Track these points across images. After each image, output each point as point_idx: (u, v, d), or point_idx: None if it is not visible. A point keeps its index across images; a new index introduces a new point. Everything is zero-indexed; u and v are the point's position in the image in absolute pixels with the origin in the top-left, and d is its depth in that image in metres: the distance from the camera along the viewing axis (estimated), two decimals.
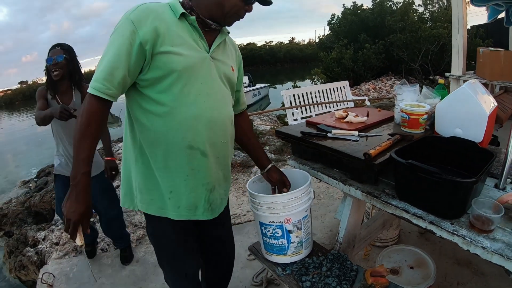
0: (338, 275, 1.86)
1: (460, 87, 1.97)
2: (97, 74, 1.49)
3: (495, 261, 1.31)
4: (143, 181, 1.71)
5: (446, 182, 1.45)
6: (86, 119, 1.50)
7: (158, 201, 1.72)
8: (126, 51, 1.48)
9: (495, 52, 5.12)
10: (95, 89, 1.48)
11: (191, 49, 1.61)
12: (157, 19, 1.52)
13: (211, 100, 1.68)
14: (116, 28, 1.52)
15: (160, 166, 1.67)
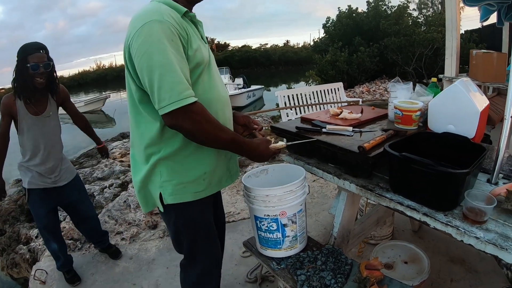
0: (333, 269, 1.88)
1: (452, 84, 2.00)
2: (175, 86, 1.50)
3: (489, 250, 1.33)
4: (173, 173, 1.76)
5: (439, 173, 1.47)
6: (210, 121, 1.60)
7: (191, 186, 1.79)
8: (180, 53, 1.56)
9: (487, 54, 5.16)
10: (188, 97, 1.51)
11: (202, 44, 1.73)
12: (182, 22, 1.61)
13: (220, 84, 1.87)
14: (153, 39, 1.51)
15: (194, 151, 1.76)
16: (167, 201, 1.78)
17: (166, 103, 1.49)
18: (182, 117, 1.52)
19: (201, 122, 1.56)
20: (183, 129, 1.57)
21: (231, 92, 19.79)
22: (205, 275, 2.04)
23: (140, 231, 3.91)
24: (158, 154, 1.74)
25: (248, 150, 1.76)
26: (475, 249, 1.38)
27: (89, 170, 6.50)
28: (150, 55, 1.49)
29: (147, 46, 1.49)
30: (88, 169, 6.64)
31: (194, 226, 1.91)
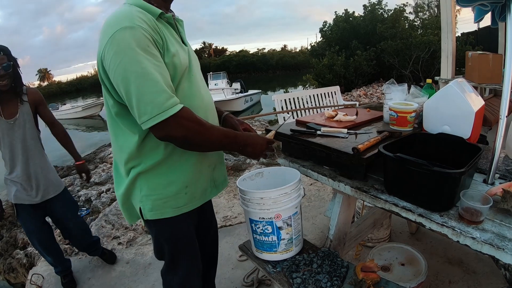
0: (329, 272, 1.87)
1: (447, 85, 2.00)
2: (156, 96, 1.42)
3: (486, 251, 1.32)
4: (152, 187, 1.69)
5: (434, 174, 1.46)
6: (202, 123, 1.54)
7: (172, 201, 1.72)
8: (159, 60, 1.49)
9: (483, 55, 5.17)
10: (172, 106, 1.44)
11: (180, 48, 1.64)
12: (156, 26, 1.52)
13: (202, 88, 1.79)
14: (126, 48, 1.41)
15: (174, 164, 1.69)
16: (147, 217, 1.72)
17: (148, 117, 1.42)
18: (172, 127, 1.45)
19: (193, 127, 1.50)
20: (175, 139, 1.51)
21: (229, 97, 19.83)
22: (187, 284, 2.00)
23: (137, 236, 3.91)
24: (138, 168, 1.66)
25: (243, 141, 1.69)
26: (473, 250, 1.37)
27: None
28: (124, 66, 1.39)
29: (120, 56, 1.39)
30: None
31: (176, 241, 1.87)
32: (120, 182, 1.76)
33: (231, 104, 19.56)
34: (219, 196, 4.70)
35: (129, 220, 1.85)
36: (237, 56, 62.41)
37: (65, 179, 6.63)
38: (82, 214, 4.77)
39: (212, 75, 24.42)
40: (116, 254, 3.54)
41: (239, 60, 59.47)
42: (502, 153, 2.01)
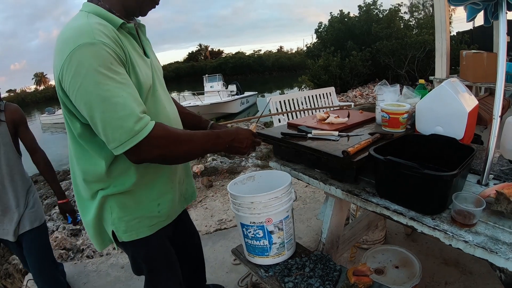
0: (321, 276, 1.84)
1: (439, 85, 1.98)
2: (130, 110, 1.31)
3: (478, 254, 1.29)
4: (124, 208, 1.60)
5: (425, 177, 1.44)
6: (177, 135, 1.47)
7: (146, 220, 1.66)
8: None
9: (478, 54, 5.17)
10: (143, 129, 1.33)
11: (143, 64, 1.55)
12: (118, 39, 1.40)
13: (166, 101, 1.70)
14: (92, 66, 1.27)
15: (146, 184, 1.62)
16: (122, 239, 1.64)
17: (118, 144, 1.32)
18: (146, 149, 1.36)
19: (169, 143, 1.43)
20: (153, 160, 1.43)
21: (224, 99, 19.86)
22: None
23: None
24: (106, 190, 1.57)
25: (228, 137, 1.62)
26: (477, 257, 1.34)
27: None
28: (86, 89, 1.27)
29: (80, 78, 1.26)
30: None
31: (153, 259, 1.81)
32: (86, 207, 1.65)
33: (227, 106, 19.58)
34: (215, 200, 4.69)
35: (99, 247, 1.72)
36: (233, 58, 62.61)
37: (61, 183, 6.60)
38: (78, 219, 4.73)
39: (208, 77, 24.45)
40: (111, 259, 3.52)
41: (235, 62, 59.64)
42: (496, 153, 1.99)
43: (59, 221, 4.80)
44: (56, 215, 4.97)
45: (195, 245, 2.38)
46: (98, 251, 3.73)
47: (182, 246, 2.18)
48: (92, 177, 1.55)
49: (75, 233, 4.36)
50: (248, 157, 6.07)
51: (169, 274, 1.91)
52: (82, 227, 4.46)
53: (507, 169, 1.84)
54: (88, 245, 3.89)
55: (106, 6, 1.44)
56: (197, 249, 2.39)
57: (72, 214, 2.81)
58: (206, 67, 56.92)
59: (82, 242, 3.98)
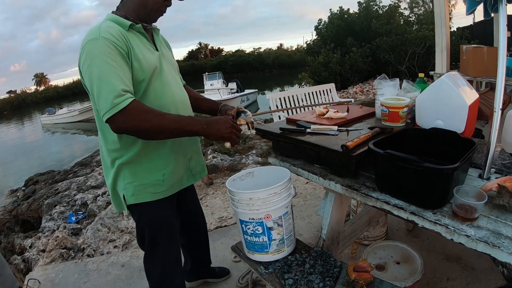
0: (321, 272, 1.83)
1: (439, 78, 1.96)
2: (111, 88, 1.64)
3: (481, 249, 1.27)
4: (134, 175, 1.92)
5: (425, 170, 1.42)
6: (149, 111, 1.72)
7: (151, 187, 1.95)
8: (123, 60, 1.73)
9: (478, 48, 5.15)
10: (121, 102, 1.63)
11: (149, 53, 1.89)
12: (122, 35, 1.75)
13: (176, 88, 2.05)
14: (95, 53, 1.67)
15: (151, 155, 1.92)
16: (129, 202, 1.95)
17: (103, 112, 1.63)
18: (121, 119, 1.64)
19: (139, 116, 1.66)
20: (127, 130, 1.69)
21: (224, 97, 19.85)
22: (166, 272, 2.17)
23: (132, 239, 3.90)
24: (121, 159, 1.90)
25: (205, 120, 1.81)
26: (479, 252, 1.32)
27: (83, 178, 6.57)
28: (90, 71, 1.66)
29: (87, 63, 1.67)
30: (82, 177, 6.71)
31: (155, 224, 2.07)
32: (108, 173, 1.99)
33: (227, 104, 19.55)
34: (215, 197, 4.68)
35: (116, 208, 2.07)
36: (233, 56, 62.65)
37: (61, 183, 6.63)
38: (78, 218, 4.76)
39: (208, 75, 24.46)
40: (112, 257, 3.55)
41: (235, 60, 59.67)
42: (498, 147, 1.97)
43: (60, 221, 4.80)
44: (56, 214, 4.97)
45: (199, 225, 2.66)
46: (99, 252, 3.74)
47: (186, 224, 2.52)
48: (110, 145, 1.91)
49: (75, 232, 4.36)
50: (248, 154, 6.05)
51: (167, 245, 2.14)
52: (82, 226, 4.47)
53: (508, 162, 1.81)
54: (88, 244, 3.88)
55: (122, 14, 1.86)
56: (200, 228, 2.68)
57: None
58: (206, 65, 56.84)
59: (82, 241, 3.98)
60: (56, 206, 5.30)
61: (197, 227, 2.63)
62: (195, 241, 2.66)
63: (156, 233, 2.08)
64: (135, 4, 1.87)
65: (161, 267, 2.15)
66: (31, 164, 13.96)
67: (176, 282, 2.23)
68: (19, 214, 5.65)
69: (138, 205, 1.97)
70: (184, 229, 2.53)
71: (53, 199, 5.63)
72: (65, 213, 5.04)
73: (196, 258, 2.76)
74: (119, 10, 1.91)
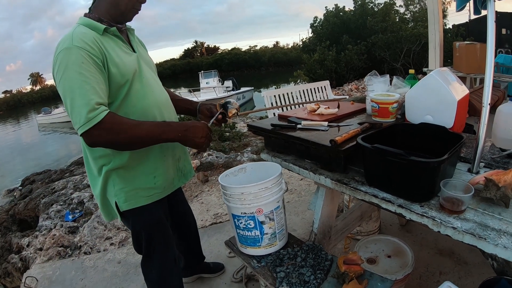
0: (312, 265, 1.85)
1: (428, 74, 1.98)
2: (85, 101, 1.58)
3: (467, 241, 1.29)
4: (124, 181, 1.89)
5: (412, 164, 1.45)
6: (123, 122, 1.68)
7: (143, 191, 1.93)
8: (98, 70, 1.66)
9: (471, 45, 5.17)
10: (94, 117, 1.57)
11: (126, 56, 1.84)
12: (96, 41, 1.69)
13: (156, 89, 2.01)
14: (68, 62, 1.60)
15: (141, 159, 1.89)
16: (123, 208, 1.91)
17: (77, 126, 1.58)
18: (96, 133, 1.59)
19: (114, 129, 1.63)
20: (102, 143, 1.67)
21: (220, 95, 19.83)
22: (164, 273, 2.17)
23: (129, 236, 3.92)
24: (109, 165, 1.85)
25: (181, 127, 1.80)
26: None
27: (79, 177, 6.56)
28: (62, 82, 1.60)
29: (60, 74, 1.61)
30: (78, 176, 6.70)
31: (151, 228, 2.06)
32: (95, 182, 1.95)
33: None
34: (210, 194, 4.70)
35: (107, 218, 2.05)
36: (229, 54, 62.57)
37: (58, 182, 6.64)
38: (75, 217, 4.77)
39: (203, 73, 24.40)
40: (108, 254, 3.57)
41: (231, 58, 59.64)
42: (488, 142, 1.99)
43: (56, 219, 4.81)
44: (53, 213, 4.98)
45: (189, 223, 2.67)
46: (96, 249, 3.76)
47: (177, 224, 2.52)
48: (96, 152, 1.84)
49: (72, 231, 4.37)
50: (243, 152, 6.07)
51: (165, 247, 2.14)
52: (79, 224, 4.48)
53: (498, 157, 1.83)
54: (85, 242, 3.89)
55: (96, 17, 1.79)
56: (191, 227, 2.69)
57: None
58: (202, 63, 56.81)
59: (79, 239, 3.99)
60: (53, 205, 5.30)
61: (187, 226, 2.64)
62: (187, 239, 2.68)
63: (153, 236, 2.07)
64: (108, 5, 1.80)
65: (160, 269, 2.15)
66: (27, 164, 13.96)
67: (175, 282, 2.25)
68: (16, 213, 5.65)
69: (132, 210, 1.93)
70: (175, 228, 2.51)
71: (50, 198, 5.64)
72: (62, 211, 5.04)
73: (189, 255, 2.78)
74: (92, 12, 1.82)
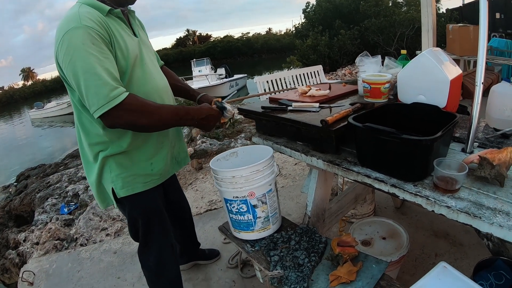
0: (306, 248, 1.85)
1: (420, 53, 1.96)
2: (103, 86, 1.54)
3: (462, 220, 1.28)
4: (121, 167, 1.85)
5: (405, 142, 1.43)
6: (147, 104, 1.68)
7: (141, 177, 1.90)
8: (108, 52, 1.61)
9: (464, 27, 5.16)
10: (116, 96, 1.56)
11: (129, 40, 1.77)
12: (102, 22, 1.62)
13: (156, 74, 1.95)
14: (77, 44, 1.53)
15: (138, 145, 1.86)
16: (120, 194, 1.88)
17: (96, 107, 1.54)
18: (117, 114, 1.57)
19: (138, 109, 1.62)
20: (123, 124, 1.64)
21: (213, 83, 19.81)
22: (162, 260, 2.16)
23: (124, 226, 3.92)
24: (106, 151, 1.81)
25: (197, 114, 1.85)
26: (459, 222, 1.32)
27: (74, 170, 6.56)
28: (73, 63, 1.53)
29: (70, 55, 1.53)
30: (73, 169, 6.71)
31: (148, 214, 2.03)
32: (91, 168, 1.91)
33: (216, 90, 19.51)
34: (205, 181, 4.69)
35: (102, 205, 1.99)
36: (222, 42, 62.39)
37: (53, 176, 6.63)
38: (70, 209, 4.77)
39: (195, 62, 24.30)
40: (104, 245, 3.56)
41: (224, 46, 59.49)
42: (482, 122, 1.98)
43: (52, 213, 4.82)
44: (49, 207, 4.98)
45: (184, 210, 2.67)
46: (92, 241, 3.76)
47: (173, 212, 2.47)
48: (92, 139, 1.81)
49: (68, 223, 4.38)
50: (237, 138, 6.06)
51: (162, 233, 2.13)
52: (75, 216, 4.48)
53: (492, 137, 1.82)
54: (81, 234, 3.90)
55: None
56: (186, 214, 2.69)
57: None
58: (194, 52, 56.55)
59: (75, 231, 3.99)
60: (48, 198, 5.31)
61: (183, 213, 2.64)
62: (182, 227, 2.67)
63: (150, 223, 2.05)
64: None
65: (157, 256, 2.14)
66: (22, 159, 13.93)
67: (173, 268, 2.25)
68: (12, 209, 5.66)
69: (129, 197, 1.90)
70: (171, 215, 2.43)
71: (45, 192, 5.64)
72: (57, 205, 5.05)
73: (184, 242, 2.77)
74: None
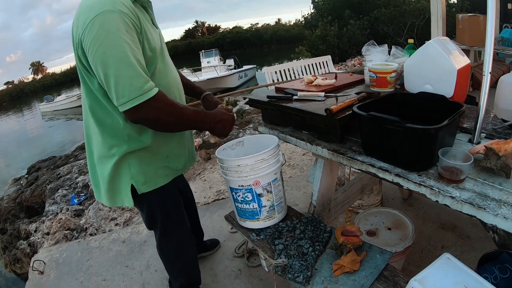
0: (311, 237, 1.85)
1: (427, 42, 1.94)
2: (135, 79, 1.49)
3: (466, 210, 1.26)
4: (142, 163, 1.81)
5: (409, 131, 1.42)
6: (173, 104, 1.64)
7: (162, 170, 1.89)
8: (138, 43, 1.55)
9: (474, 17, 5.10)
10: (149, 90, 1.52)
11: (153, 31, 1.72)
12: (133, 10, 1.55)
13: (172, 67, 1.92)
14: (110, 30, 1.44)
15: (161, 141, 1.84)
16: (141, 190, 1.85)
17: (127, 99, 1.48)
18: (146, 109, 1.52)
19: (164, 108, 1.58)
20: (148, 120, 1.58)
21: (221, 74, 19.71)
22: (182, 246, 2.20)
23: (133, 216, 4.00)
24: (124, 147, 1.74)
25: (213, 119, 1.80)
26: (466, 215, 1.30)
27: (83, 161, 6.63)
28: (104, 50, 1.43)
29: (100, 40, 1.42)
30: (82, 161, 6.79)
31: (166, 206, 2.03)
32: (104, 164, 1.82)
33: (225, 81, 19.45)
34: (213, 172, 4.71)
35: (109, 202, 1.89)
36: (231, 33, 62.20)
37: (63, 167, 6.69)
38: (80, 200, 4.82)
39: (204, 53, 24.19)
40: (113, 234, 3.62)
41: (232, 37, 59.29)
42: (491, 113, 1.96)
43: (62, 203, 4.88)
44: (59, 198, 5.05)
45: (191, 201, 2.67)
46: (101, 230, 3.83)
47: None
48: (108, 129, 1.73)
49: (78, 214, 4.46)
50: (245, 128, 6.06)
51: (182, 221, 2.16)
52: (84, 207, 4.52)
53: (499, 127, 1.80)
54: (91, 224, 3.98)
55: None
56: (192, 204, 2.70)
57: None
58: (203, 43, 56.40)
59: (85, 221, 4.07)
60: (58, 190, 5.39)
61: (189, 203, 2.63)
62: (189, 216, 2.58)
63: (170, 213, 2.06)
64: None
65: (178, 243, 2.17)
66: (32, 152, 14.01)
67: (192, 253, 2.31)
68: (23, 201, 5.75)
69: (150, 191, 1.88)
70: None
71: (56, 184, 5.72)
72: (67, 196, 5.13)
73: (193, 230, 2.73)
74: None
